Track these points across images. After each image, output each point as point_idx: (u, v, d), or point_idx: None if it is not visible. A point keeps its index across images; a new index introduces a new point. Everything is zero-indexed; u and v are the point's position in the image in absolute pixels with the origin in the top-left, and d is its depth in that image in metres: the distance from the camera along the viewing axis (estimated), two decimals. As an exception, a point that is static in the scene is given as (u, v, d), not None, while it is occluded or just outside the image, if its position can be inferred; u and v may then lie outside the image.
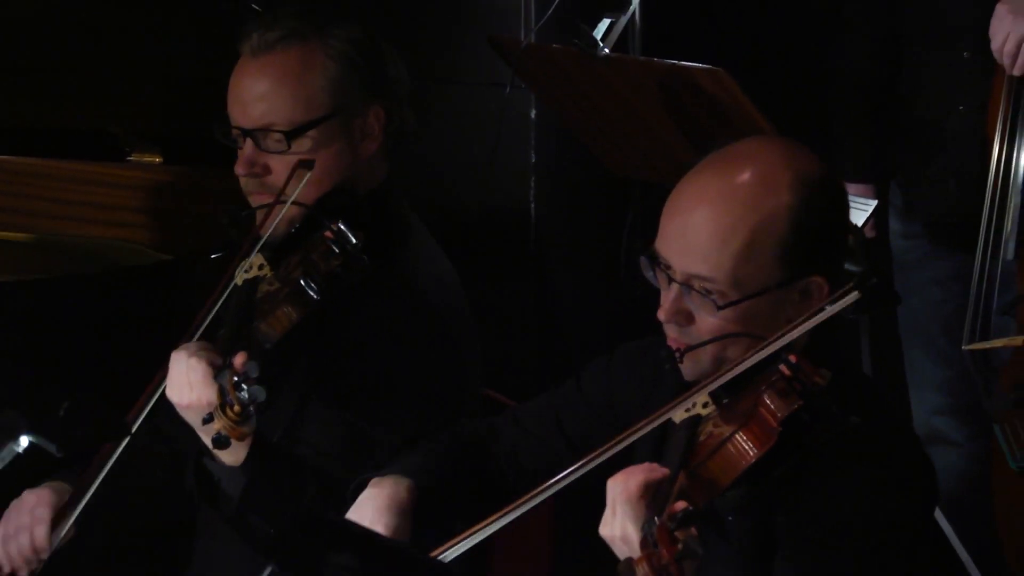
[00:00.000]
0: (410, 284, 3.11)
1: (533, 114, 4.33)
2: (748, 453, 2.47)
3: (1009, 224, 3.79)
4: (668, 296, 2.67)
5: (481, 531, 2.65)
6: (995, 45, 3.75)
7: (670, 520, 2.38)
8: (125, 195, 4.07)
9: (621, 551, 2.46)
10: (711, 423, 2.55)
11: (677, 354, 2.64)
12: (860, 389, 2.70)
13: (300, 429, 3.05)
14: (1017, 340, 3.81)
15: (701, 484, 2.48)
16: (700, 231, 2.62)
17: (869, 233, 4.08)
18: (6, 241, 3.98)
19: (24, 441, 2.69)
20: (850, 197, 4.19)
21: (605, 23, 3.70)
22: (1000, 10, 3.74)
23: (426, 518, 2.80)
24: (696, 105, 3.58)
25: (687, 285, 2.63)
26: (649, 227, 4.36)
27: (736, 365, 2.57)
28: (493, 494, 2.80)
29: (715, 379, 2.58)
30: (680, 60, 3.59)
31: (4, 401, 2.77)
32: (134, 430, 2.96)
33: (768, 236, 2.62)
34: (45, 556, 3.03)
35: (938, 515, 3.54)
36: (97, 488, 2.97)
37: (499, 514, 2.65)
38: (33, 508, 3.03)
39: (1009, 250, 3.80)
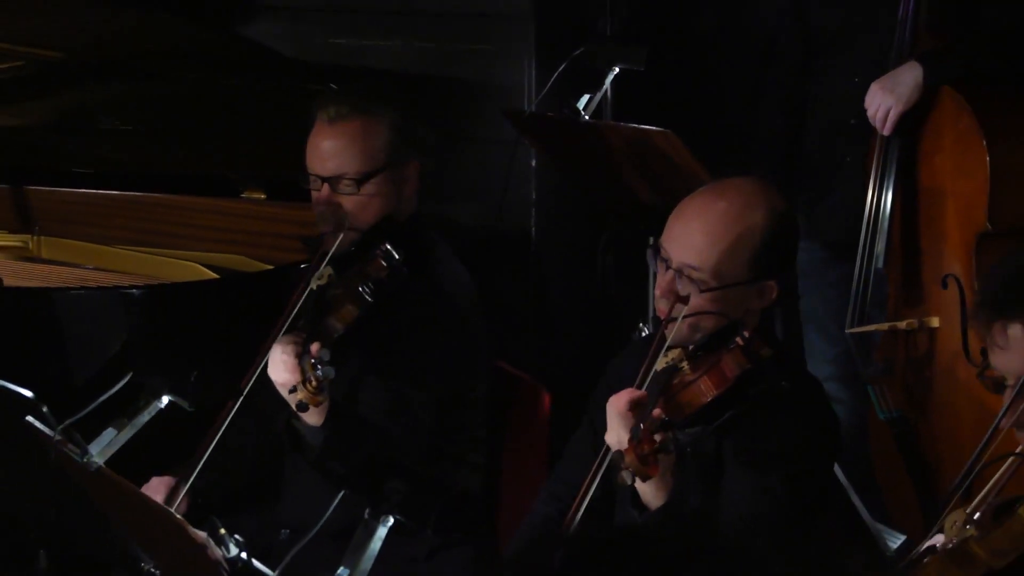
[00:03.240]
0: (437, 287, 3.12)
1: (533, 163, 4.33)
2: (708, 392, 2.56)
3: (880, 243, 3.80)
4: (665, 278, 2.69)
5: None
6: (870, 113, 3.73)
7: (651, 425, 2.47)
8: (238, 222, 4.12)
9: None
10: (682, 373, 2.62)
11: (663, 320, 2.68)
12: (790, 364, 2.74)
13: (358, 393, 3.06)
14: (884, 326, 3.83)
15: (673, 408, 2.56)
16: (697, 234, 2.66)
17: None
18: (157, 254, 4.02)
19: (165, 400, 2.70)
20: None
21: (585, 97, 3.72)
22: (874, 87, 3.72)
23: None
24: (651, 157, 3.59)
25: (680, 271, 2.66)
26: (620, 246, 4.41)
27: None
28: None
29: (657, 350, 2.64)
30: (640, 124, 3.59)
31: (151, 370, 2.77)
32: (245, 392, 2.97)
33: (745, 244, 2.66)
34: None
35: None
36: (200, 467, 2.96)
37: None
38: (154, 488, 3.03)
39: (880, 261, 3.81)
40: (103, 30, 4.07)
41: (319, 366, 2.77)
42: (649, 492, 2.53)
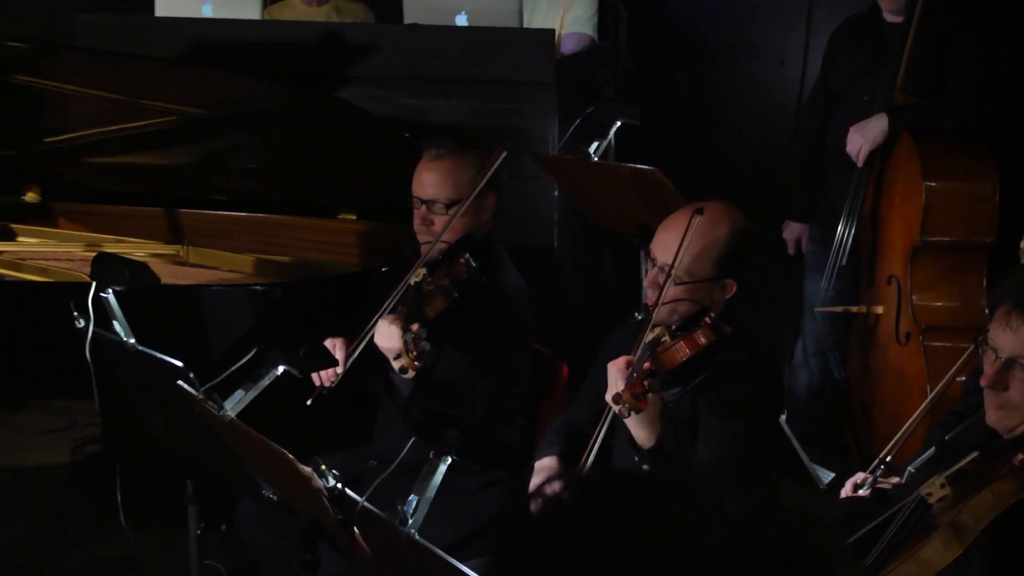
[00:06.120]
0: (501, 290, 3.11)
1: (556, 193, 4.33)
2: (683, 354, 2.57)
3: (847, 244, 3.83)
4: (652, 274, 2.70)
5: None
6: (848, 149, 3.78)
7: (641, 373, 2.51)
8: (335, 236, 4.11)
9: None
10: (665, 341, 2.62)
11: (650, 306, 2.69)
12: (746, 340, 2.72)
13: (439, 365, 3.05)
14: (839, 308, 3.88)
15: (657, 364, 2.56)
16: (675, 241, 2.65)
17: (805, 246, 4.19)
18: (274, 260, 4.03)
19: (280, 369, 2.71)
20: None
21: (595, 144, 3.73)
22: (851, 130, 3.78)
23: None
24: (643, 188, 3.59)
25: (662, 269, 2.66)
26: (620, 255, 4.40)
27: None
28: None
29: (645, 327, 2.64)
30: (635, 164, 3.59)
31: (270, 346, 2.78)
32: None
33: (711, 250, 2.66)
34: (341, 371, 2.95)
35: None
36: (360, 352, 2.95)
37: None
38: (333, 343, 3.00)
39: (844, 259, 3.84)
40: (235, 94, 4.09)
41: (419, 341, 2.78)
42: (643, 433, 2.53)
